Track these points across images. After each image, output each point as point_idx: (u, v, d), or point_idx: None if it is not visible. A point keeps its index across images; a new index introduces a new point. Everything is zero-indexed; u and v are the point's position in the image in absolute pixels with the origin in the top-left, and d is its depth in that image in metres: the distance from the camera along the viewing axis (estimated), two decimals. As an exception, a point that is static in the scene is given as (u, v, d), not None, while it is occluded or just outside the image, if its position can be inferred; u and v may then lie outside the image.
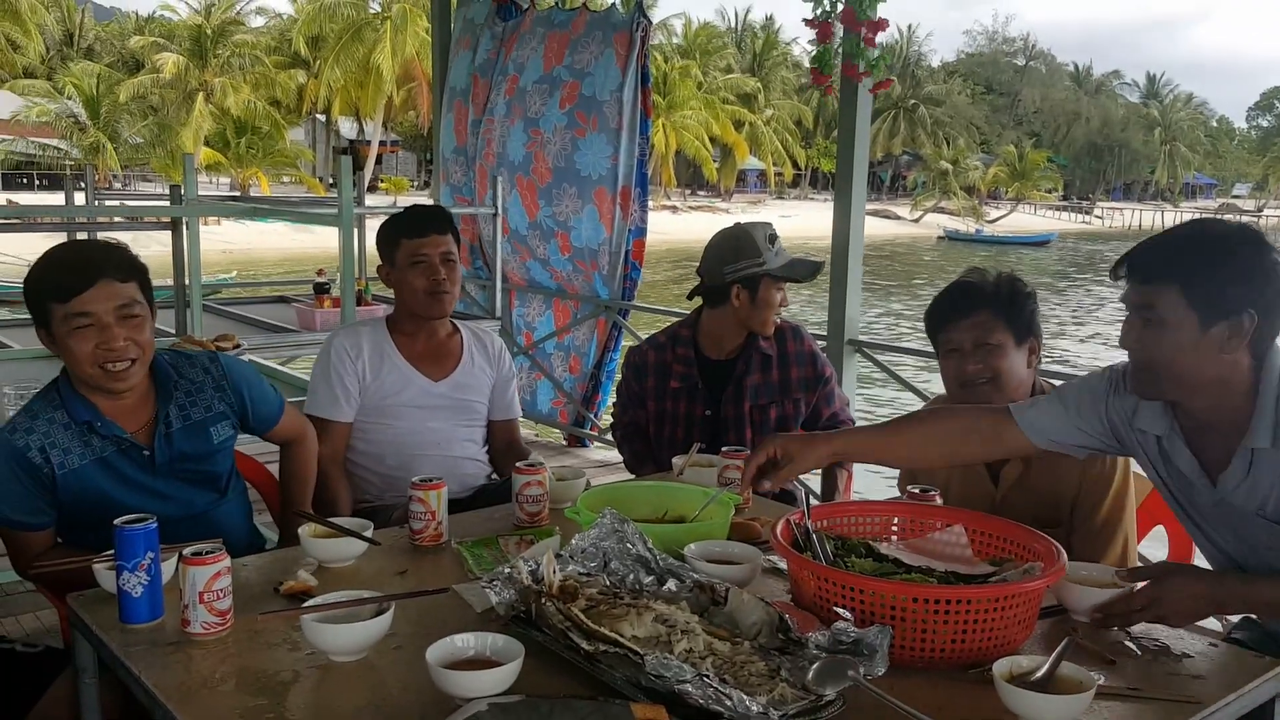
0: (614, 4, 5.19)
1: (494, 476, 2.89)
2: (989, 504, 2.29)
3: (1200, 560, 2.02)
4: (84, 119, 32.69)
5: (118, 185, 30.17)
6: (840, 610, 1.55)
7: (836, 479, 2.94)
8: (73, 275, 2.03)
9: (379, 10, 37.89)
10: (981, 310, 2.20)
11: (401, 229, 2.73)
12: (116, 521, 1.68)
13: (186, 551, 1.65)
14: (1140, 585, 1.69)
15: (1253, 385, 1.70)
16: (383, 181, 41.38)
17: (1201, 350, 1.67)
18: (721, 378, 2.92)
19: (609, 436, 5.55)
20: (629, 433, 3.06)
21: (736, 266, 2.82)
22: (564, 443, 5.91)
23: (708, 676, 1.37)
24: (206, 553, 1.65)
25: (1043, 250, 43.26)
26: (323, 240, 28.86)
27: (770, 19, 61.97)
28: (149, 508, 1.95)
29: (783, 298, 2.88)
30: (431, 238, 2.69)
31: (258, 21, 41.29)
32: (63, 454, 2.07)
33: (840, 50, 3.91)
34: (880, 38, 3.89)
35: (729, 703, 1.34)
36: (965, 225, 50.14)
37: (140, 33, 39.03)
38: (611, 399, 5.87)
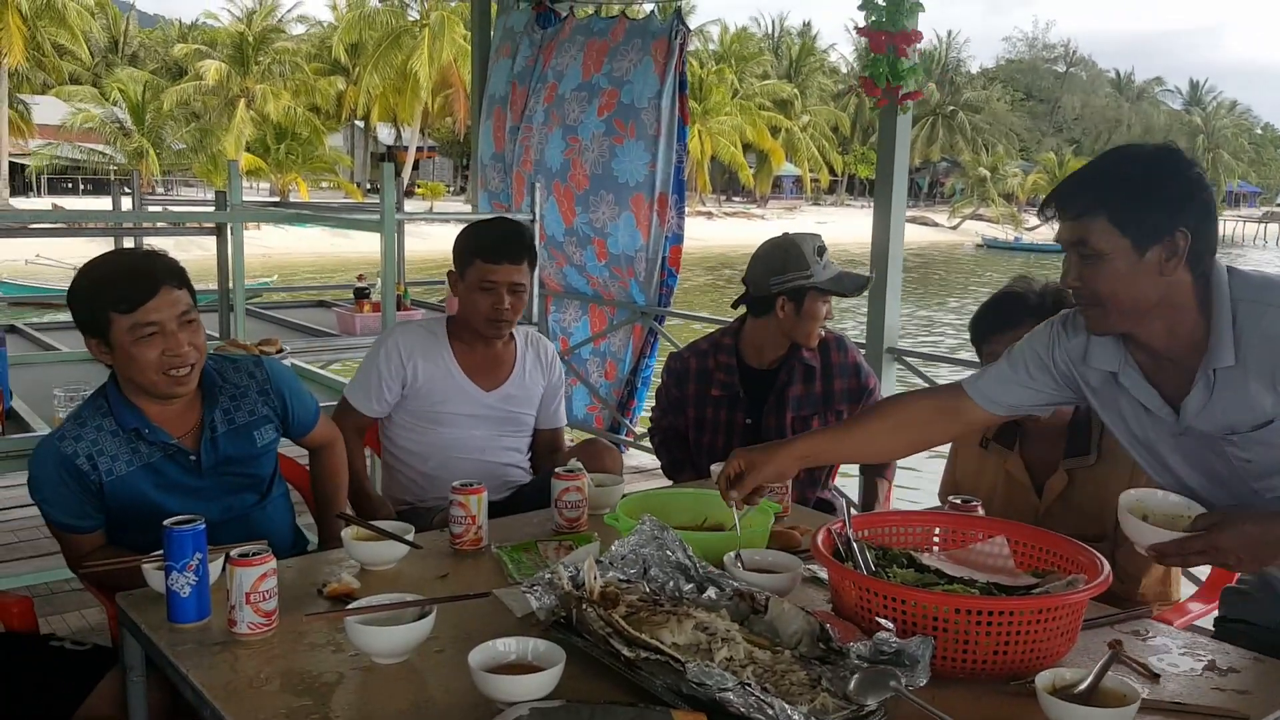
0: (652, 11, 5.20)
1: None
2: (1033, 516, 2.28)
3: None
4: (129, 125, 33.27)
5: (160, 191, 30.64)
6: (882, 620, 1.54)
7: (877, 488, 2.92)
8: (136, 285, 2.06)
9: (418, 18, 38.24)
10: (1026, 323, 2.18)
11: (478, 249, 2.71)
12: (166, 522, 1.71)
13: (233, 553, 1.68)
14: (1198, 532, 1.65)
15: (1200, 304, 1.68)
16: (419, 187, 41.68)
17: (1141, 275, 1.66)
18: (763, 387, 2.91)
19: (644, 442, 5.58)
20: (667, 438, 3.07)
21: (784, 278, 2.80)
22: (600, 448, 5.92)
23: (749, 685, 1.37)
24: (253, 554, 1.68)
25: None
26: (360, 245, 29.07)
27: (807, 25, 62.01)
28: (194, 511, 1.97)
29: (828, 310, 2.86)
30: (504, 267, 2.68)
31: (298, 29, 41.80)
32: (110, 461, 2.11)
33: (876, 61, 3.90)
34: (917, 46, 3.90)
35: (771, 711, 1.34)
36: (1003, 233, 49.69)
37: (183, 40, 39.63)
38: (647, 405, 5.88)
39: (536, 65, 5.55)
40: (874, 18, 3.92)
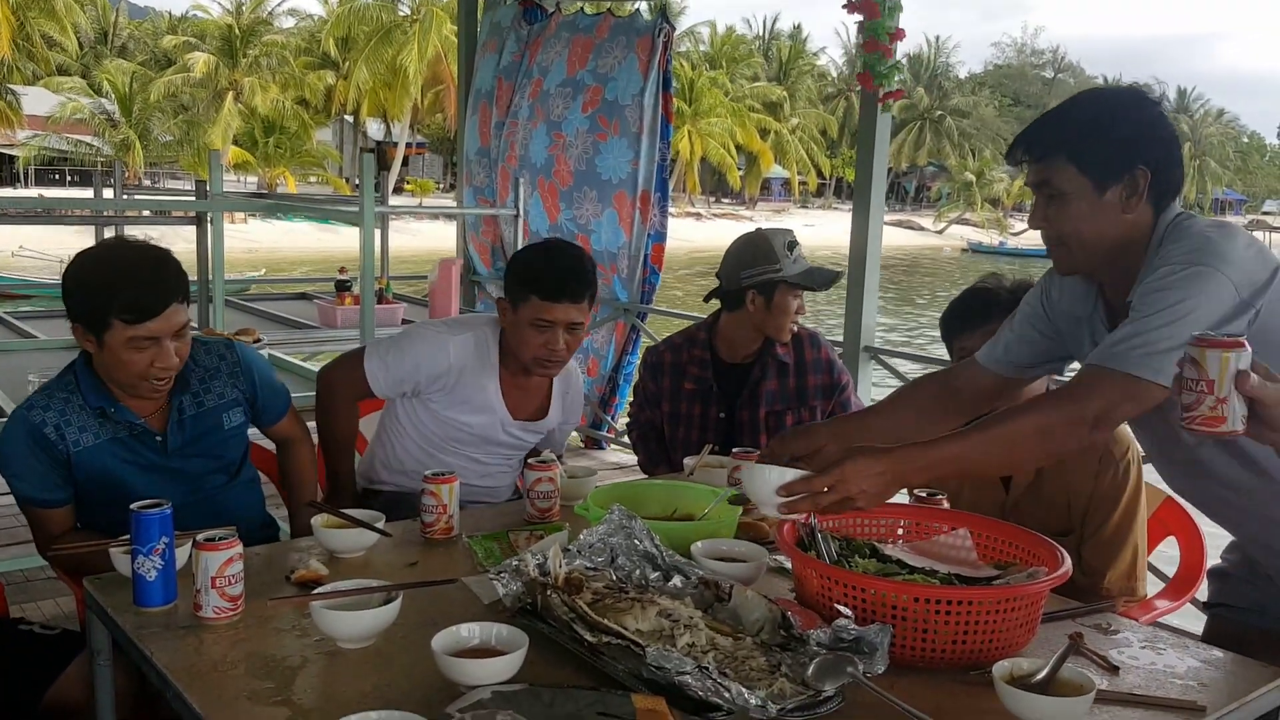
0: (638, 9, 5.22)
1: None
2: (999, 510, 2.29)
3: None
4: (117, 116, 33.11)
5: (147, 183, 30.47)
6: (841, 608, 1.56)
7: None
8: (146, 299, 2.04)
9: (408, 13, 38.15)
10: (996, 319, 2.21)
11: (537, 285, 2.46)
12: (132, 506, 1.71)
13: (200, 537, 1.68)
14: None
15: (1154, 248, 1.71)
16: (408, 183, 41.59)
17: (1102, 214, 1.70)
18: (737, 381, 2.92)
19: (626, 439, 5.60)
20: (645, 432, 3.08)
21: (753, 271, 2.82)
22: (581, 445, 5.93)
23: (708, 668, 1.39)
24: (220, 539, 1.68)
25: (1068, 264, 42.96)
26: (348, 240, 28.99)
27: (798, 28, 62.06)
28: (162, 487, 2.06)
29: (799, 305, 2.86)
30: (563, 305, 2.45)
31: (288, 22, 41.66)
32: (78, 432, 2.13)
33: (860, 61, 3.94)
34: (902, 48, 3.93)
35: (727, 695, 1.35)
36: (989, 238, 49.91)
37: (173, 32, 39.44)
38: (629, 402, 5.89)
39: (523, 61, 5.56)
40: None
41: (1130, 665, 1.63)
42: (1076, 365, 1.91)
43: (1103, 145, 1.68)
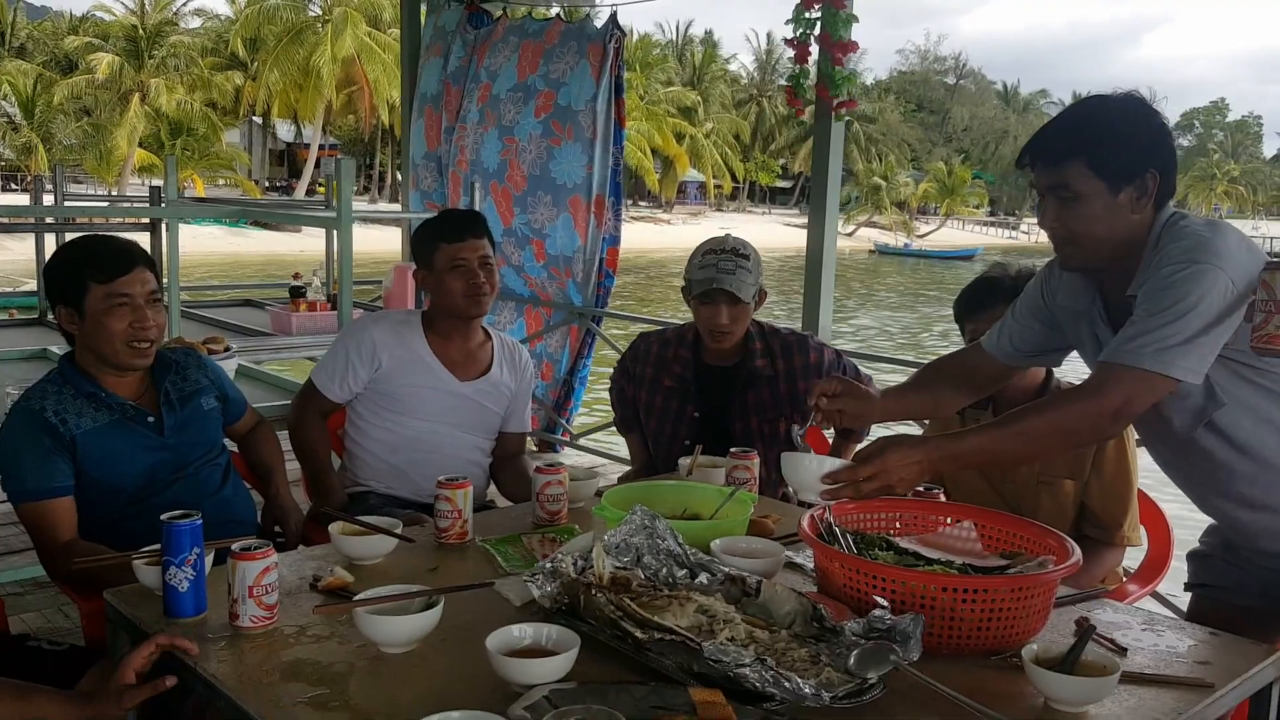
0: (587, 15, 5.26)
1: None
2: (1002, 471, 2.50)
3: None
4: (19, 119, 31.87)
5: (49, 188, 29.31)
6: (878, 599, 1.63)
7: (842, 449, 2.98)
8: (115, 259, 2.25)
9: (319, 13, 37.45)
10: (1000, 304, 2.38)
11: (440, 233, 2.78)
12: (164, 517, 1.71)
13: (236, 547, 1.68)
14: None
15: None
16: (320, 186, 40.75)
17: (1115, 214, 1.82)
18: (716, 383, 2.93)
19: (581, 442, 5.63)
20: (624, 396, 3.10)
21: (684, 276, 2.86)
22: (534, 448, 5.94)
23: (766, 660, 1.45)
24: (255, 548, 1.68)
25: (968, 264, 44.22)
26: (261, 245, 28.38)
27: (710, 33, 62.59)
28: (161, 471, 2.27)
29: (716, 313, 2.77)
30: (470, 242, 2.75)
31: (194, 23, 40.50)
32: (76, 418, 2.25)
33: (816, 71, 4.05)
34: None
35: (788, 685, 1.41)
36: (895, 240, 51.05)
37: (74, 32, 38.01)
38: (584, 405, 5.93)
39: (470, 65, 5.55)
40: (801, 30, 4.07)
41: (1136, 647, 1.73)
42: (1075, 355, 2.05)
43: (1120, 150, 1.80)
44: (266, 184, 42.00)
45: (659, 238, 40.23)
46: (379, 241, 16.67)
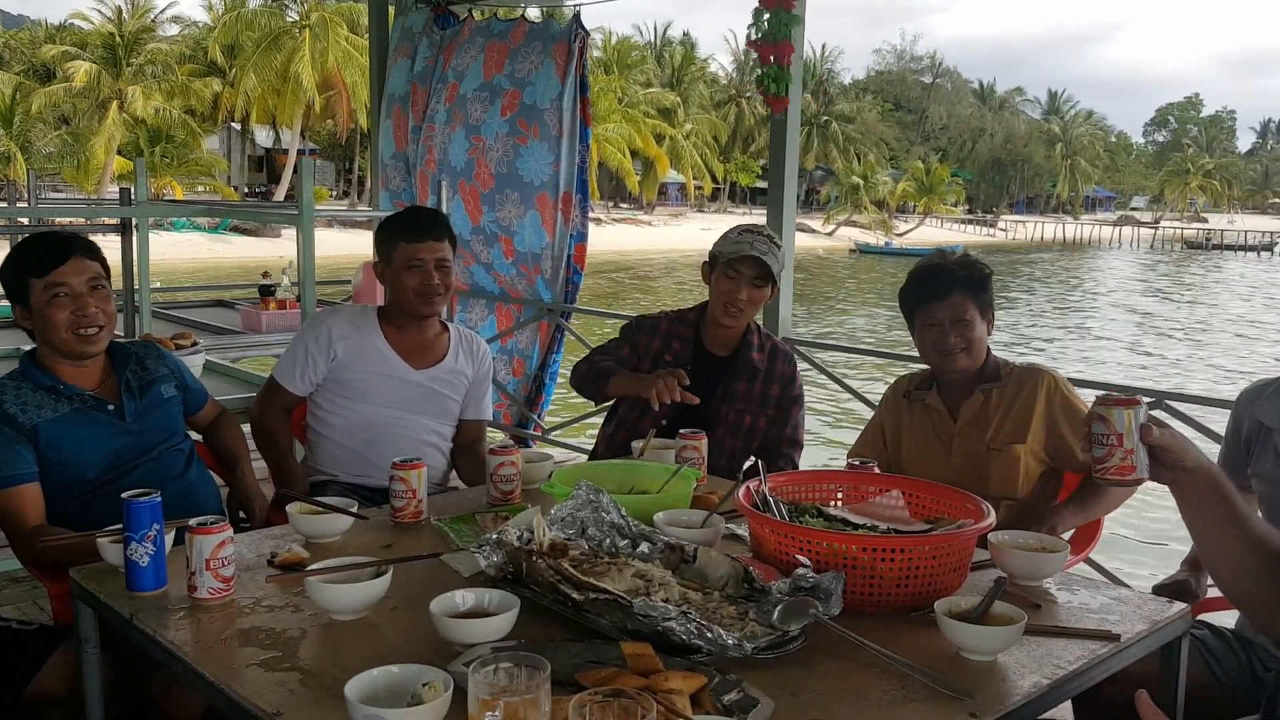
0: (552, 15, 5.35)
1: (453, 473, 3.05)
2: (948, 440, 2.63)
3: None
4: (-3, 128, 31.84)
5: (25, 196, 29.24)
6: (800, 558, 1.73)
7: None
8: (49, 252, 2.32)
9: (297, 19, 37.40)
10: (956, 292, 2.54)
11: (400, 232, 2.85)
12: (124, 495, 1.79)
13: (193, 522, 1.77)
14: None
15: None
16: (300, 192, 40.63)
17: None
18: (711, 372, 3.00)
19: (552, 437, 5.72)
20: (596, 372, 3.01)
21: (714, 249, 2.98)
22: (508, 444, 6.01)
23: (689, 614, 1.54)
24: (211, 523, 1.77)
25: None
26: (242, 251, 28.33)
27: (687, 35, 62.77)
28: (124, 458, 2.33)
29: (733, 288, 2.89)
30: (428, 244, 2.82)
31: (172, 30, 40.32)
32: (36, 409, 2.31)
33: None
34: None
35: (710, 635, 1.51)
36: (875, 238, 51.28)
37: (52, 41, 37.80)
38: (554, 401, 6.01)
39: (437, 66, 5.63)
40: (759, 33, 4.16)
41: (1048, 603, 1.84)
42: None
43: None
44: (246, 190, 41.89)
45: (639, 240, 40.41)
46: (357, 245, 16.69)
